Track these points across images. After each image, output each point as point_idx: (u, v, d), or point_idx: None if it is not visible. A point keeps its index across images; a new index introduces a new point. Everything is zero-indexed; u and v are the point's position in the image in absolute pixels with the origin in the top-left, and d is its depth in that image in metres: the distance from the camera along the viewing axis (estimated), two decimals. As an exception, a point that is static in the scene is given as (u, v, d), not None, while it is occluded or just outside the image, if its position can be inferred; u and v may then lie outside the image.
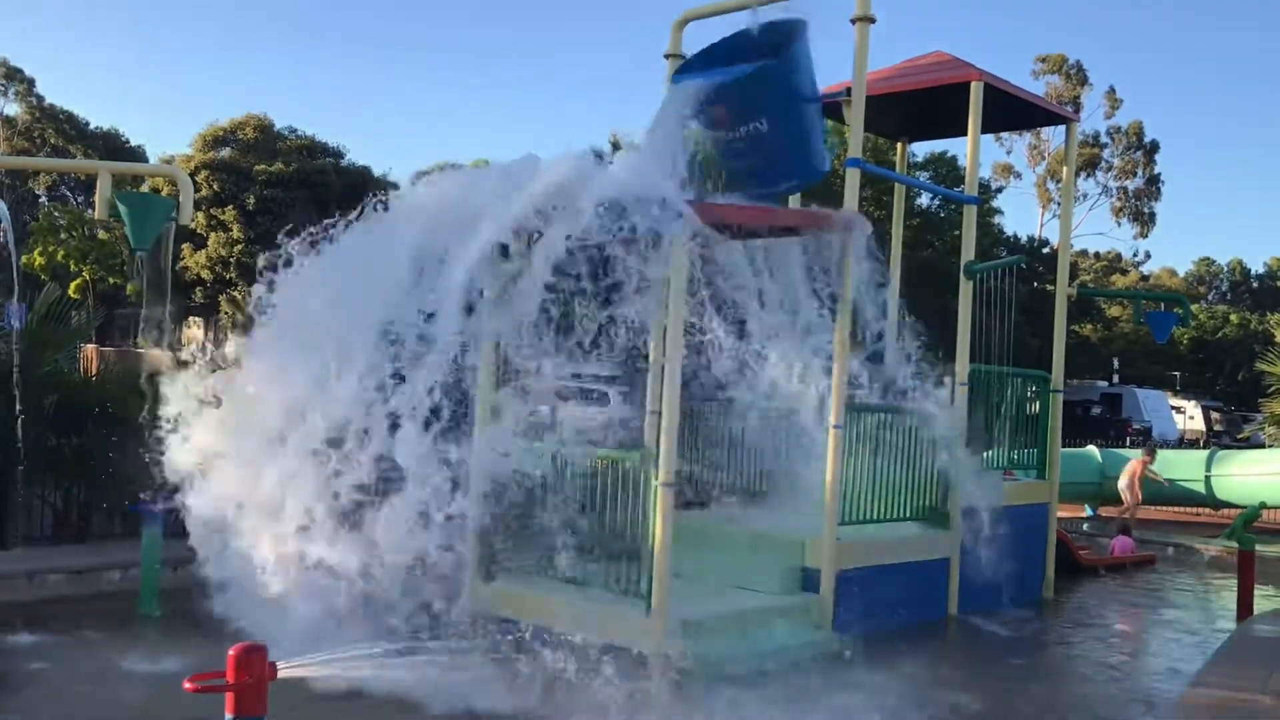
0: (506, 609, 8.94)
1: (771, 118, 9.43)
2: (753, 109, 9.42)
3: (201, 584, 10.04)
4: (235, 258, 32.30)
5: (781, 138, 9.56)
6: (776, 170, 9.78)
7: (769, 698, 7.49)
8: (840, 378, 9.44)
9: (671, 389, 8.13)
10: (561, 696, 7.21)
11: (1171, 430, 42.80)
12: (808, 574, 9.46)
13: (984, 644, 9.78)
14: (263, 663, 4.25)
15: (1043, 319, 31.66)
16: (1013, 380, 12.10)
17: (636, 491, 8.27)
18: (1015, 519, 11.53)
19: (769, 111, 9.42)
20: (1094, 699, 8.02)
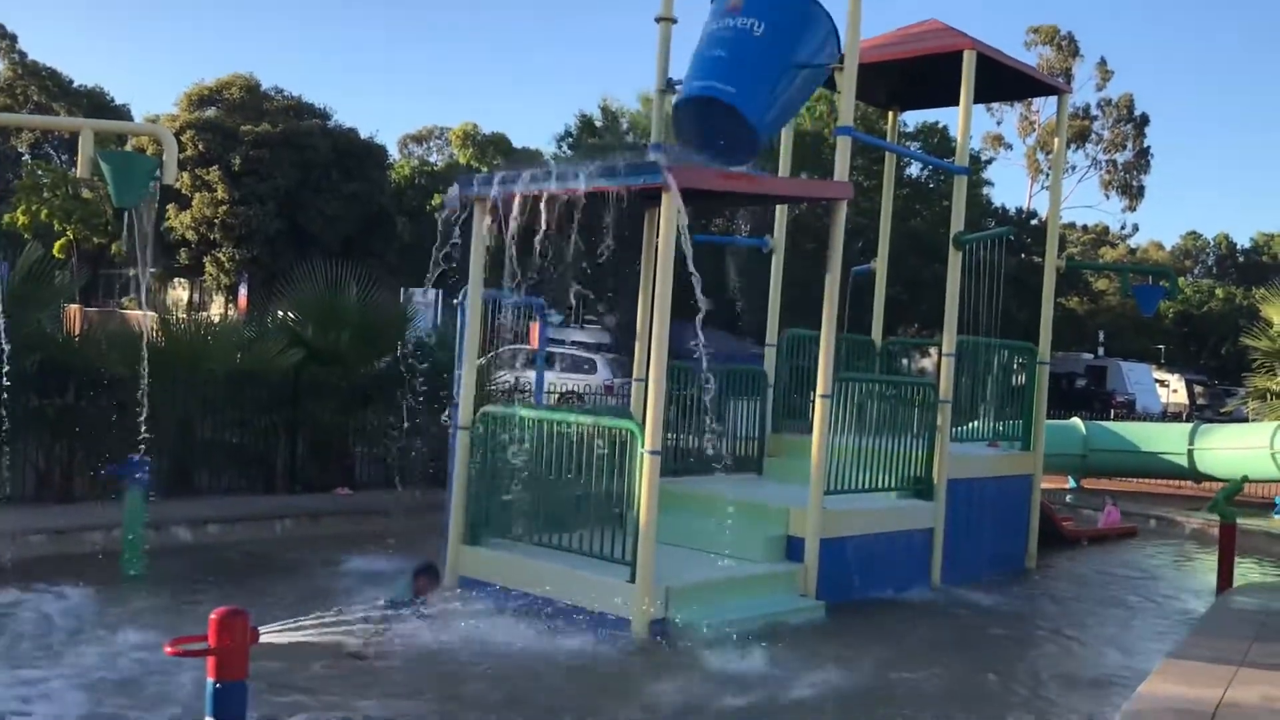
0: (490, 574, 8.95)
1: (768, 25, 9.30)
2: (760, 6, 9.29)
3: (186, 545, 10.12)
4: (220, 219, 32.03)
5: (763, 55, 9.42)
6: (736, 78, 9.41)
7: (751, 663, 7.51)
8: (828, 347, 9.41)
9: (659, 355, 8.10)
10: (536, 664, 7.19)
11: (1155, 403, 43.04)
12: (792, 542, 9.48)
13: (966, 614, 9.81)
14: (244, 627, 4.22)
15: (1029, 291, 31.64)
16: (999, 352, 12.11)
17: (623, 459, 8.26)
18: (1000, 490, 11.60)
19: (770, 20, 9.29)
20: (1075, 669, 8.06)
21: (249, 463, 12.48)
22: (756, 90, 9.38)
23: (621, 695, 6.76)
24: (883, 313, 13.62)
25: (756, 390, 11.93)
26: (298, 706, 6.00)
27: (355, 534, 11.04)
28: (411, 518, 10.80)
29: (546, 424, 8.91)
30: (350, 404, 12.89)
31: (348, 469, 13.36)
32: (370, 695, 6.29)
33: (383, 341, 13.66)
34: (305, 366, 12.58)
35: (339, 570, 9.47)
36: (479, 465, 9.17)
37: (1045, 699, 7.23)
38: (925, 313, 39.94)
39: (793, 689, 7.03)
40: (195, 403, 11.82)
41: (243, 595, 8.37)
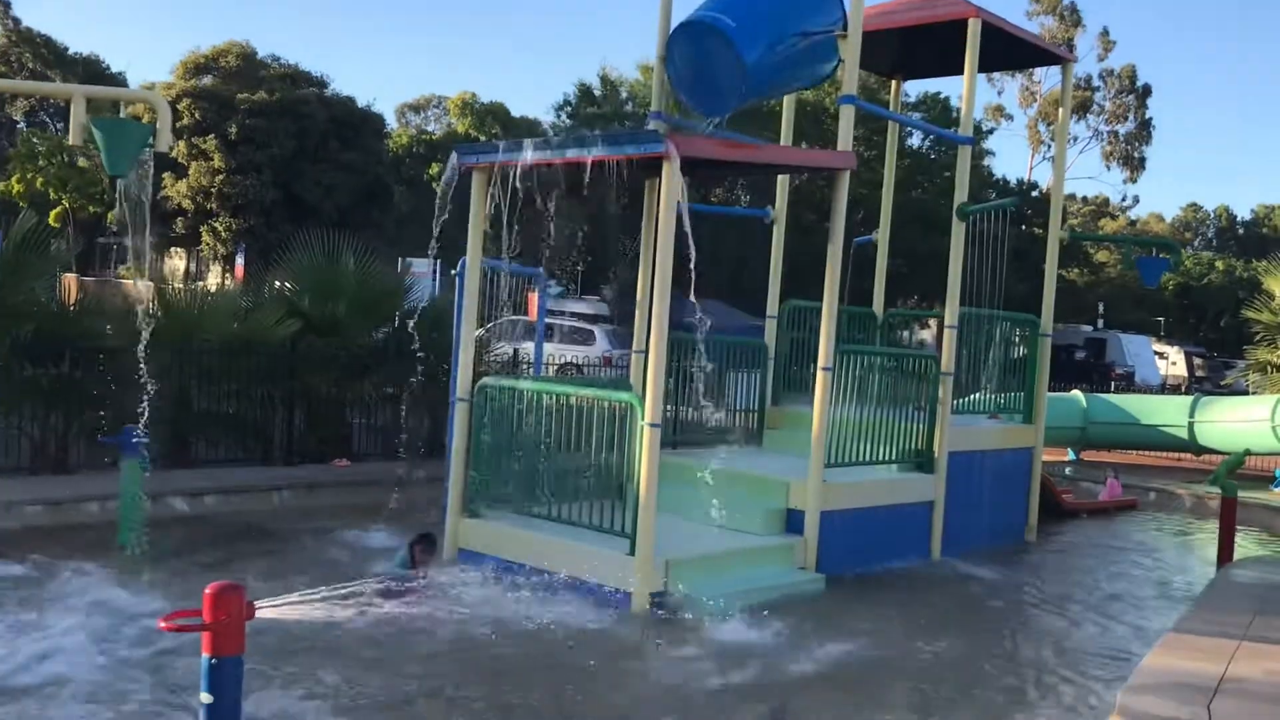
0: (489, 547, 8.90)
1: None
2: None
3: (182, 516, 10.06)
4: (217, 187, 31.82)
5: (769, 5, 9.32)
6: (735, 14, 9.35)
7: (752, 635, 7.47)
8: (829, 319, 9.33)
9: (659, 327, 8.02)
10: (536, 637, 7.14)
11: (1154, 375, 42.96)
12: (792, 515, 9.44)
13: (966, 587, 9.78)
14: (240, 601, 4.16)
15: (1030, 262, 31.57)
16: (1001, 324, 12.02)
17: (622, 431, 8.19)
18: (1000, 463, 11.55)
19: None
20: (1075, 643, 8.03)
21: (246, 434, 12.41)
22: (756, 32, 9.27)
23: (621, 668, 6.72)
24: (884, 284, 13.52)
25: (757, 362, 11.87)
26: (292, 681, 5.97)
27: (353, 505, 10.96)
28: (411, 489, 10.73)
29: (546, 396, 8.84)
30: (348, 375, 12.81)
31: (346, 440, 13.30)
32: (366, 669, 6.25)
33: (380, 312, 13.57)
34: (302, 337, 12.49)
35: (337, 542, 9.42)
36: (477, 437, 9.11)
37: (1047, 673, 7.19)
38: (925, 284, 39.86)
39: (794, 663, 7.00)
40: (191, 373, 11.73)
41: (239, 567, 8.35)
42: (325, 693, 5.85)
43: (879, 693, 6.64)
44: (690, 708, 6.20)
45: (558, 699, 6.14)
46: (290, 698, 5.70)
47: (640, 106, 40.31)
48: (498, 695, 6.13)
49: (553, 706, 6.02)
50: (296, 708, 5.60)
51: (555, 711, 5.91)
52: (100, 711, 5.47)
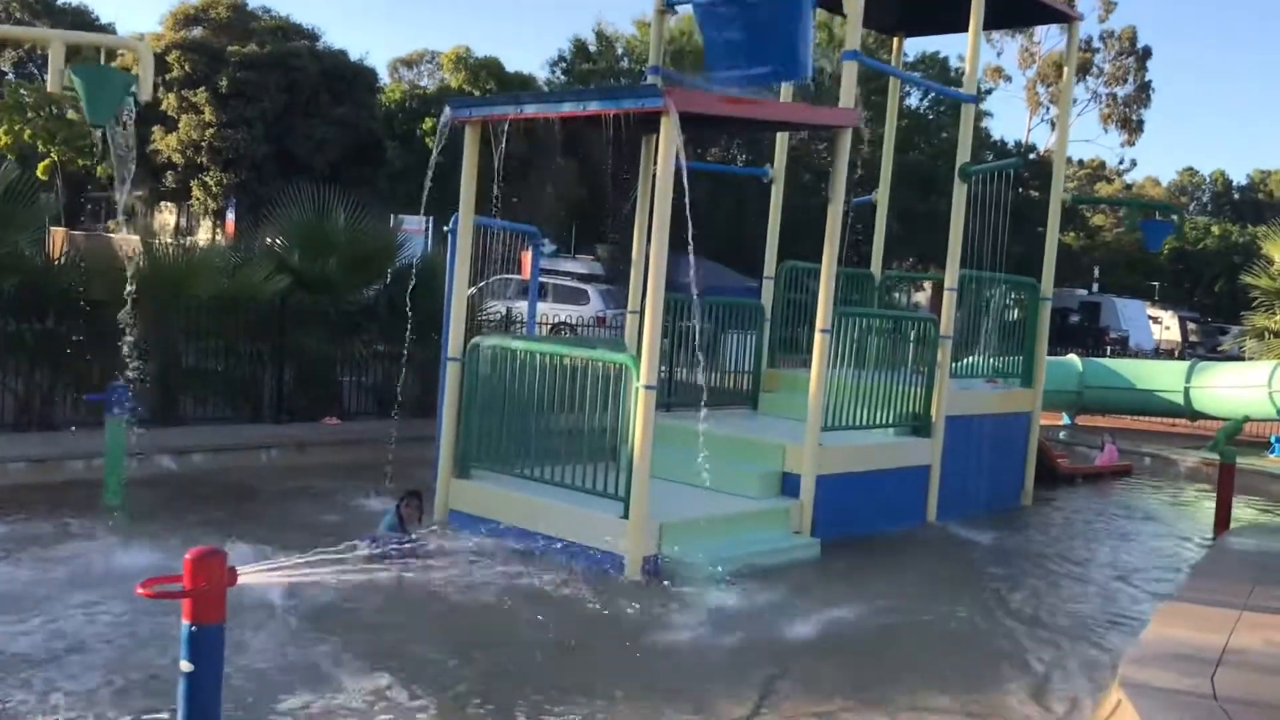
0: (480, 508, 8.78)
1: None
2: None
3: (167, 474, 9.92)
4: (207, 141, 31.41)
5: (772, 15, 9.09)
6: (757, 51, 9.26)
7: (747, 600, 7.37)
8: (828, 281, 9.16)
9: (656, 287, 7.85)
10: (529, 601, 7.03)
11: (1148, 340, 42.94)
12: (788, 479, 9.32)
13: (962, 552, 9.70)
14: (221, 567, 4.01)
15: (1026, 224, 31.38)
16: (1000, 287, 11.87)
17: (617, 393, 8.05)
18: (998, 427, 11.44)
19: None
20: (1073, 609, 7.94)
21: (235, 391, 12.24)
22: None
23: (613, 634, 6.61)
24: (882, 245, 13.35)
25: (753, 323, 11.71)
26: (280, 648, 5.85)
27: (343, 464, 10.85)
28: (402, 448, 10.59)
29: (539, 356, 8.68)
30: (338, 332, 12.64)
31: (336, 398, 13.14)
32: (354, 633, 6.13)
33: (372, 269, 13.38)
34: (292, 293, 12.30)
35: (326, 501, 9.29)
36: (469, 398, 8.96)
37: (1046, 640, 7.09)
38: (921, 246, 39.67)
39: (791, 628, 6.90)
40: (179, 329, 11.55)
41: (226, 527, 8.21)
42: (308, 658, 5.74)
43: (877, 659, 6.55)
44: (684, 673, 6.10)
45: (545, 665, 6.03)
46: (273, 663, 5.59)
47: (636, 63, 39.87)
48: (485, 661, 6.02)
49: (541, 673, 5.90)
50: (278, 675, 5.48)
51: (543, 678, 5.80)
52: (87, 675, 5.34)
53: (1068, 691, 6.15)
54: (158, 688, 5.16)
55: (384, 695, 5.40)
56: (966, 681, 6.21)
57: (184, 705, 4.00)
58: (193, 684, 4.00)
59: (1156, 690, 5.45)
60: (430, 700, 5.39)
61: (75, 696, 5.09)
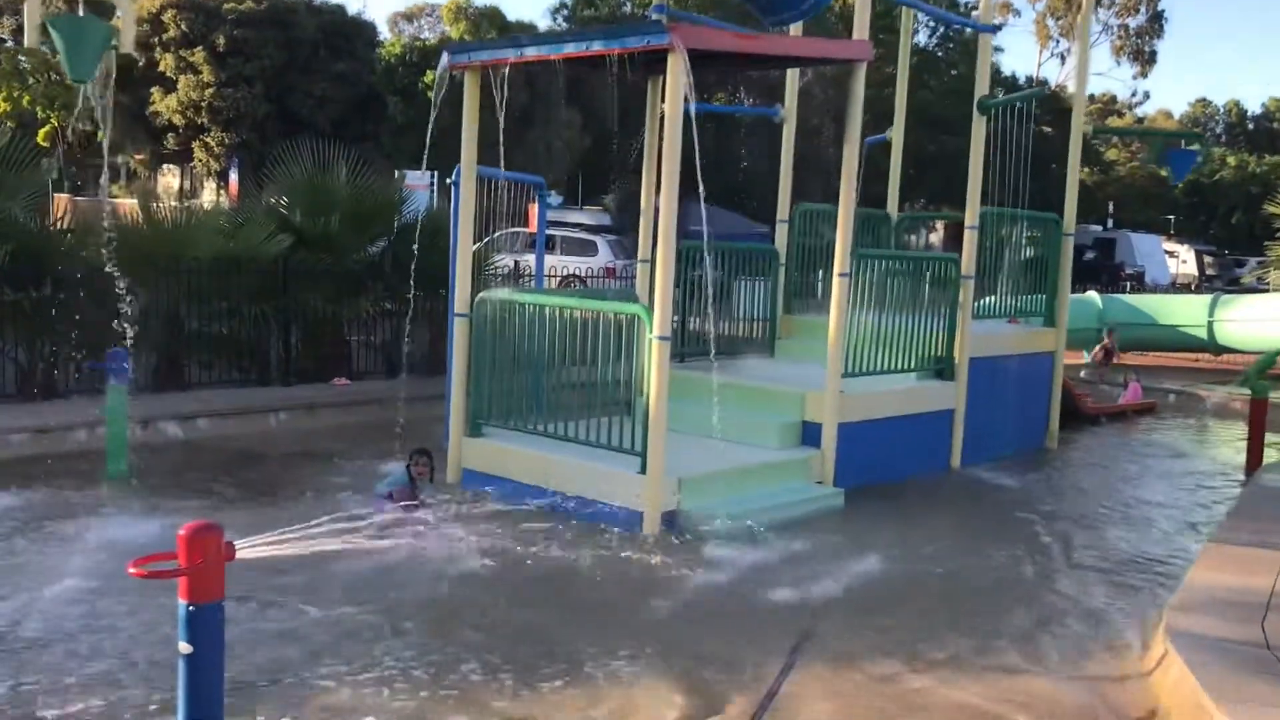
0: (493, 466, 8.56)
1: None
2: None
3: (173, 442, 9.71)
4: (207, 101, 30.95)
5: None
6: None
7: (770, 555, 7.15)
8: (846, 223, 8.85)
9: (667, 234, 7.56)
10: (550, 560, 6.81)
11: (1163, 275, 42.46)
12: (808, 428, 9.07)
13: (990, 497, 9.46)
14: (217, 542, 3.78)
15: (1039, 161, 30.85)
16: (1022, 223, 11.51)
17: (630, 345, 7.78)
18: (1021, 368, 11.15)
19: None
20: (1107, 554, 7.68)
21: (242, 354, 12.01)
22: None
23: (635, 593, 6.38)
24: (898, 185, 12.99)
25: (768, 269, 11.40)
26: (286, 623, 5.65)
27: (353, 425, 10.64)
28: (413, 407, 10.35)
29: (549, 309, 8.41)
30: (343, 291, 12.37)
31: (345, 359, 12.91)
32: (367, 601, 5.93)
33: (375, 226, 13.09)
34: (294, 253, 12.02)
35: (335, 465, 9.07)
36: (478, 353, 8.70)
37: (1082, 589, 6.84)
38: (933, 187, 39.15)
39: (815, 583, 6.66)
40: (181, 293, 11.29)
41: (231, 495, 8.02)
42: (317, 633, 5.54)
43: (908, 612, 6.31)
44: (709, 632, 5.88)
45: (565, 623, 5.83)
46: (279, 642, 5.38)
47: (639, 7, 39.20)
48: (503, 624, 5.82)
49: (560, 631, 5.70)
50: (286, 652, 5.28)
51: (564, 640, 5.59)
52: (88, 656, 5.15)
53: (1110, 641, 5.91)
54: (157, 673, 4.95)
55: (399, 661, 5.20)
56: (1002, 633, 5.97)
57: (184, 689, 3.79)
58: (193, 666, 3.78)
59: (1204, 639, 5.21)
60: (445, 665, 5.19)
61: (88, 679, 4.89)
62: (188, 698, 3.78)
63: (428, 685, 4.96)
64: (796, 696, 5.06)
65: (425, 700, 4.82)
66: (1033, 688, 5.25)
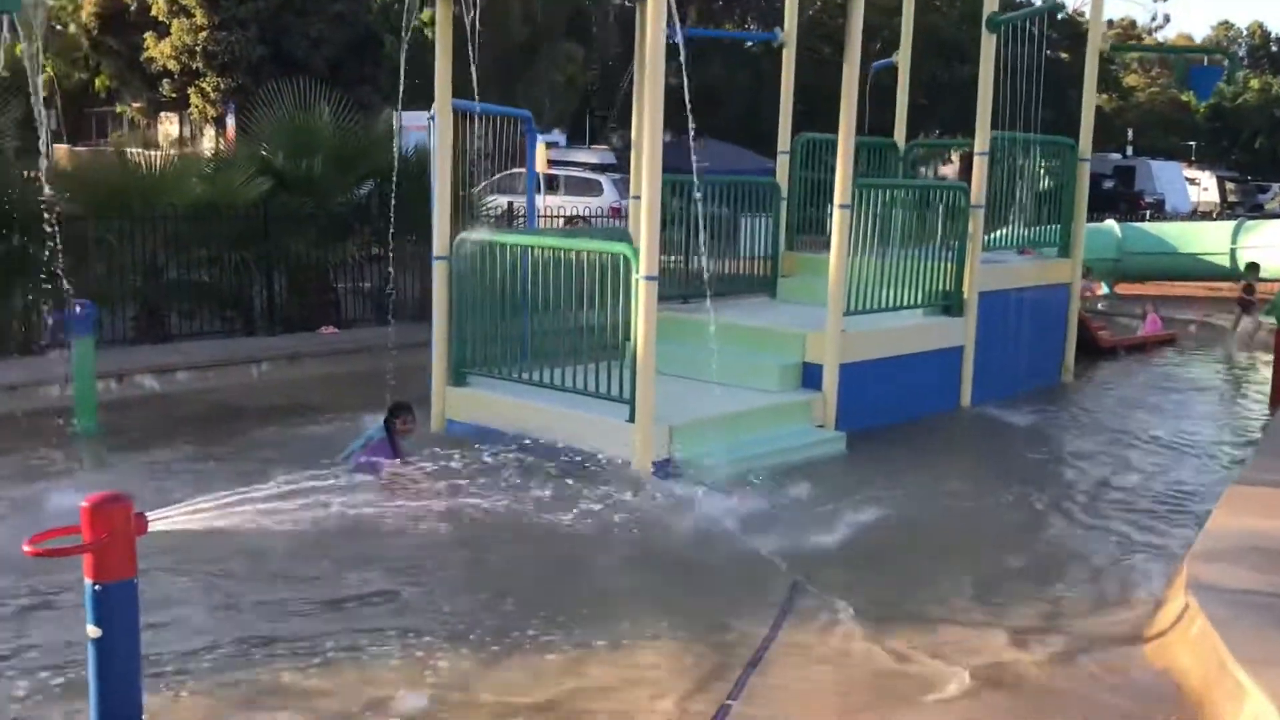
0: (478, 416, 8.17)
1: None
2: None
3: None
4: (201, 46, 30.27)
5: None
6: None
7: (765, 504, 6.76)
8: (846, 151, 8.34)
9: (651, 167, 7.09)
10: (532, 515, 6.42)
11: (1184, 202, 41.59)
12: (809, 369, 8.64)
13: (1000, 436, 9.05)
14: (126, 515, 3.40)
15: (1056, 88, 30.00)
16: (1035, 148, 10.95)
17: (616, 286, 7.34)
18: (1034, 301, 10.66)
19: None
20: (1124, 496, 7.28)
21: (225, 304, 11.61)
22: None
23: (621, 547, 6.01)
24: (905, 112, 12.41)
25: (769, 204, 10.91)
26: (269, 585, 5.31)
27: (339, 376, 10.26)
28: (402, 354, 9.95)
29: (531, 250, 7.97)
30: (327, 236, 11.93)
31: (333, 306, 12.50)
32: (339, 563, 5.57)
33: (361, 167, 12.60)
34: (274, 196, 11.57)
35: (315, 418, 8.65)
36: (459, 298, 8.28)
37: (1099, 535, 6.45)
38: (946, 117, 38.23)
39: (814, 532, 6.29)
40: (159, 240, 10.87)
41: (203, 453, 7.67)
42: (295, 597, 5.19)
43: (911, 562, 5.96)
44: (698, 588, 5.53)
45: (548, 585, 5.49)
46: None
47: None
48: (486, 584, 5.47)
49: (544, 594, 5.35)
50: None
51: (547, 599, 5.24)
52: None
53: (1124, 593, 5.52)
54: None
55: (382, 625, 4.90)
56: (1006, 586, 5.59)
57: (94, 677, 3.43)
58: (104, 652, 3.42)
59: (1228, 592, 4.80)
60: (425, 628, 4.86)
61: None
62: (99, 686, 3.42)
63: (381, 657, 4.60)
64: (782, 660, 4.68)
65: (383, 671, 4.46)
66: (1040, 645, 4.86)
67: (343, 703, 4.20)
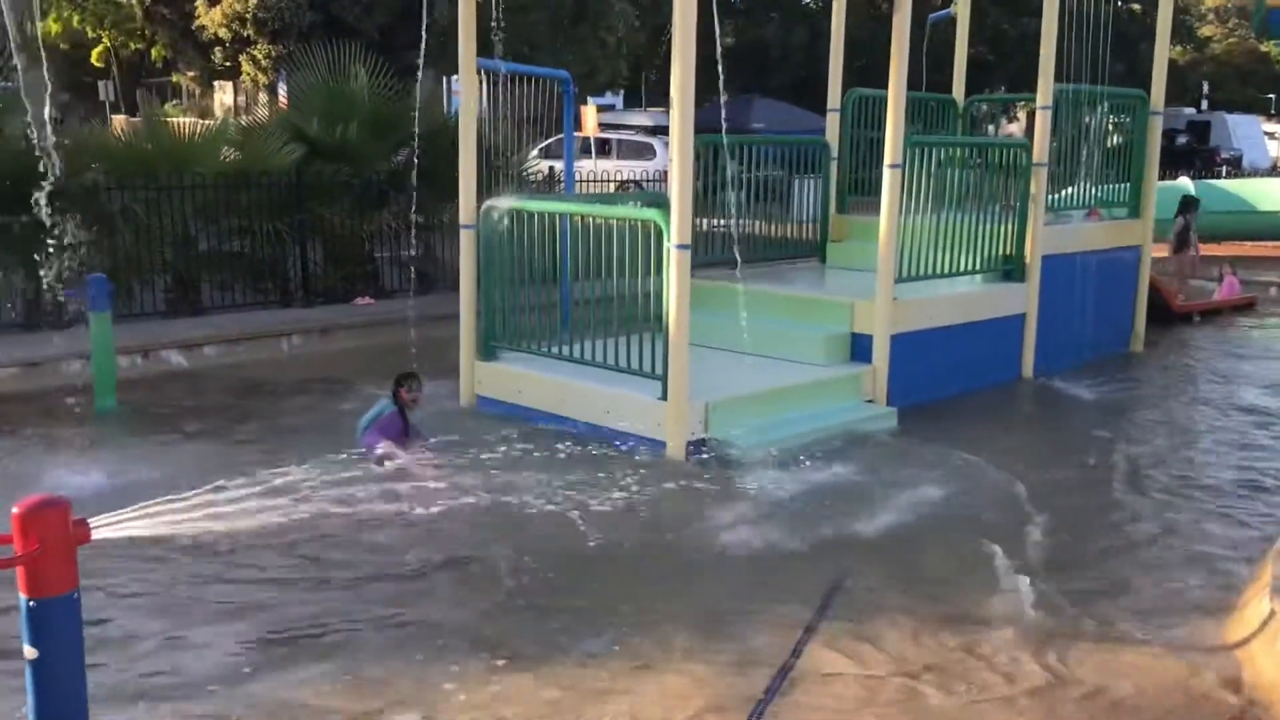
0: (507, 392, 7.80)
1: None
2: None
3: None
4: (251, 13, 30.07)
5: None
6: None
7: (804, 487, 6.30)
8: (897, 106, 7.79)
9: (683, 126, 6.61)
10: (564, 500, 6.01)
11: (1263, 158, 39.94)
12: (858, 341, 8.13)
13: (1064, 411, 8.49)
14: (63, 521, 3.04)
15: (1125, 40, 28.73)
16: (1103, 101, 10.25)
17: (648, 255, 6.89)
18: (1102, 265, 10.02)
19: None
20: (1198, 482, 6.70)
21: (260, 275, 11.33)
22: None
23: (647, 537, 5.59)
24: (965, 66, 11.75)
25: (818, 165, 10.36)
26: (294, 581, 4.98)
27: (371, 349, 9.91)
28: (438, 326, 9.58)
29: (560, 218, 7.54)
30: (363, 204, 11.58)
31: (373, 276, 12.18)
32: (344, 556, 5.23)
33: (399, 133, 12.22)
34: (309, 164, 11.24)
35: (339, 395, 8.31)
36: (487, 268, 7.89)
37: (1168, 526, 5.91)
38: (1013, 73, 36.99)
39: (856, 519, 5.83)
40: (190, 210, 10.60)
41: (223, 435, 7.36)
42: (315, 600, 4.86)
43: (957, 557, 5.45)
44: (727, 583, 5.12)
45: (565, 580, 5.08)
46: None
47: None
48: (499, 576, 5.09)
49: (558, 589, 4.97)
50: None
51: (561, 596, 4.87)
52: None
53: (1199, 597, 4.99)
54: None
55: (385, 618, 4.56)
56: (1066, 585, 5.08)
57: (33, 703, 3.08)
58: (42, 675, 3.07)
59: (1320, 598, 4.27)
60: (431, 628, 4.51)
61: None
62: (38, 714, 3.08)
63: (381, 658, 4.24)
64: (813, 670, 4.24)
65: (375, 680, 4.10)
66: (1103, 650, 4.38)
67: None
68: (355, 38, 26.54)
